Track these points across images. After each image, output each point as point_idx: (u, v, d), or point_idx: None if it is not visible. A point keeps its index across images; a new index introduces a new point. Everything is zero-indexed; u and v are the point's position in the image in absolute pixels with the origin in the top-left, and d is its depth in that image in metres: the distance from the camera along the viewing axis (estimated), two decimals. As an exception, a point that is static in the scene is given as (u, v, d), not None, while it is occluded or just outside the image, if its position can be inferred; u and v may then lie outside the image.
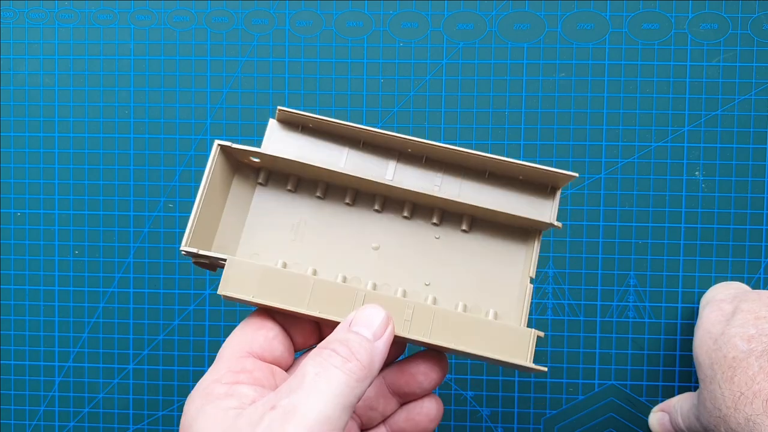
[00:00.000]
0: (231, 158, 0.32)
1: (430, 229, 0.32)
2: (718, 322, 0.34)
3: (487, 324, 0.30)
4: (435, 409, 0.31)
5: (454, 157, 0.31)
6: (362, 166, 0.31)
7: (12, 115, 0.45)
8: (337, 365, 0.24)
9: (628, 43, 0.42)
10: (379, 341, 0.26)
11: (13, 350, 0.45)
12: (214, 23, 0.44)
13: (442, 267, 0.32)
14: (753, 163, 0.42)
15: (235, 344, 0.28)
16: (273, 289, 0.29)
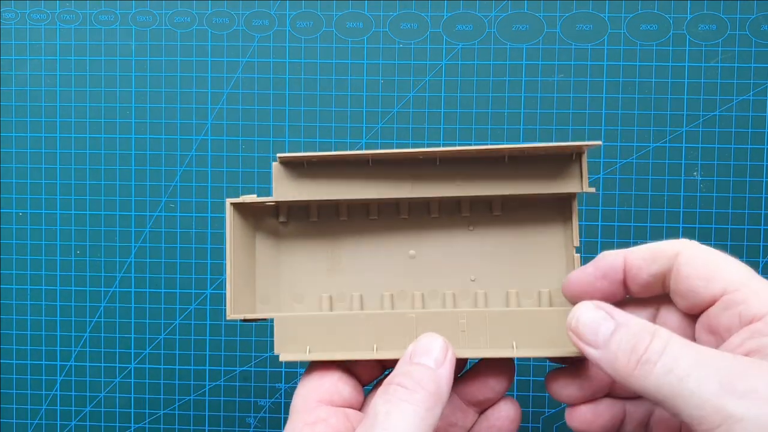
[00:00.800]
0: (246, 209, 0.31)
1: (462, 222, 0.32)
2: None
3: (543, 315, 0.29)
4: (513, 410, 0.30)
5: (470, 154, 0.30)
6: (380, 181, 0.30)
7: (14, 116, 0.45)
8: (405, 398, 0.24)
9: (627, 44, 0.42)
10: (442, 368, 0.26)
11: (15, 349, 0.45)
12: (214, 24, 0.44)
13: (482, 258, 0.31)
14: (751, 163, 0.42)
15: (303, 396, 0.28)
16: (327, 340, 0.29)
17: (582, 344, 0.25)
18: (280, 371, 0.44)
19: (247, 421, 0.44)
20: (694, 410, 0.21)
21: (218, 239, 0.44)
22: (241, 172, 0.44)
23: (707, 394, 0.21)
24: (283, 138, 0.44)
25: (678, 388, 0.22)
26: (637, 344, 0.23)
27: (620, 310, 0.25)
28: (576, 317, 0.25)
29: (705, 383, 0.21)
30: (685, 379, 0.22)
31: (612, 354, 0.23)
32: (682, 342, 0.23)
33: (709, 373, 0.21)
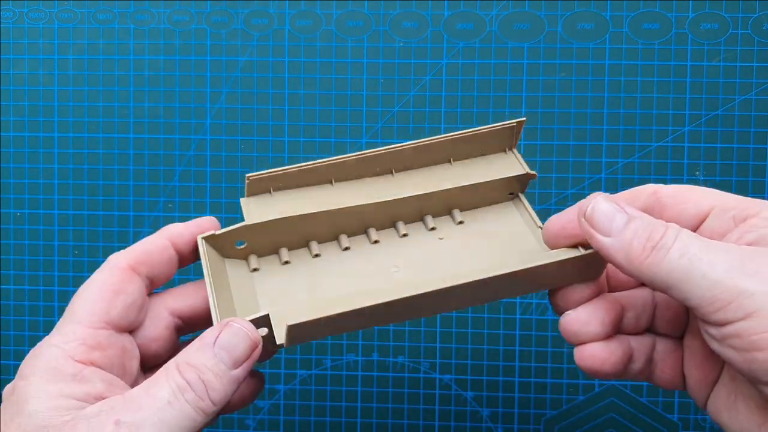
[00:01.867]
0: (219, 248, 0.31)
1: (431, 235, 0.32)
2: None
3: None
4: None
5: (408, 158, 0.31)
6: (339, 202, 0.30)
7: (11, 115, 0.45)
8: (190, 401, 0.24)
9: (629, 43, 0.42)
10: (238, 370, 0.25)
11: (12, 350, 0.45)
12: (213, 23, 0.44)
13: (460, 261, 0.31)
14: (753, 163, 0.42)
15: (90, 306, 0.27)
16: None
17: (594, 232, 0.25)
18: (279, 373, 0.44)
19: (246, 423, 0.44)
20: (707, 291, 0.22)
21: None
22: (239, 172, 0.44)
23: (719, 274, 0.22)
24: (283, 138, 0.43)
25: (690, 271, 0.23)
26: (653, 233, 0.24)
27: (631, 206, 0.26)
28: (592, 206, 0.25)
29: (716, 265, 0.22)
30: (696, 262, 0.22)
31: (626, 241, 0.24)
32: (692, 234, 0.24)
33: (719, 257, 0.23)
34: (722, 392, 0.27)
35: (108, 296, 0.27)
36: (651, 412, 0.42)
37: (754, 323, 0.21)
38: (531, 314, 0.43)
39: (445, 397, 0.43)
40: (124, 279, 0.28)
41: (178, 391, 0.24)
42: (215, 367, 0.25)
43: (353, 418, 0.43)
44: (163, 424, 0.23)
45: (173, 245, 0.29)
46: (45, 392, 0.24)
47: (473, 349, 0.43)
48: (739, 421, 0.26)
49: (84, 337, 0.26)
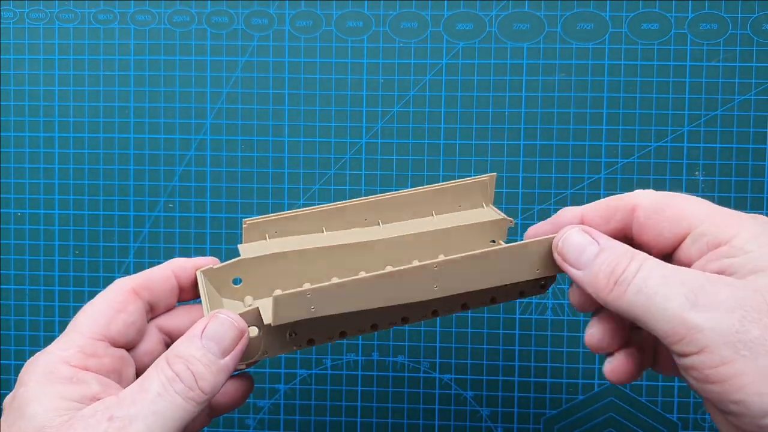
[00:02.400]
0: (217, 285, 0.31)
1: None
2: None
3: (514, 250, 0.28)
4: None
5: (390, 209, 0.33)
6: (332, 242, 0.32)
7: (12, 116, 0.45)
8: (179, 392, 0.24)
9: (628, 43, 0.42)
10: (227, 358, 0.26)
11: (13, 350, 0.45)
12: (214, 23, 0.44)
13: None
14: (752, 163, 0.42)
15: (90, 321, 0.27)
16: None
17: (566, 266, 0.26)
18: (279, 372, 0.44)
19: (246, 423, 0.44)
20: (663, 324, 0.23)
21: (217, 240, 0.44)
22: (240, 172, 0.44)
23: (673, 309, 0.22)
24: (283, 138, 0.43)
25: (647, 306, 0.23)
26: (617, 266, 0.24)
27: (605, 235, 0.26)
28: (563, 239, 0.26)
29: (671, 299, 0.23)
30: (653, 296, 0.23)
31: (593, 275, 0.25)
32: (655, 263, 0.24)
33: (675, 289, 0.23)
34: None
35: (110, 313, 0.28)
36: (650, 412, 0.42)
37: (706, 358, 0.22)
38: (530, 314, 0.43)
39: (445, 397, 0.43)
40: (127, 300, 0.28)
41: (167, 383, 0.24)
42: (203, 357, 0.25)
43: (353, 418, 0.43)
44: (156, 416, 0.24)
45: (176, 276, 0.30)
46: (43, 395, 0.24)
47: (473, 349, 0.43)
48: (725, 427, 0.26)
49: (82, 346, 0.26)
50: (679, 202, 0.26)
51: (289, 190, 0.43)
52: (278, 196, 0.43)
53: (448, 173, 0.43)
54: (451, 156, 0.43)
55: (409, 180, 0.43)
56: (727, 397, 0.22)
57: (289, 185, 0.43)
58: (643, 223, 0.26)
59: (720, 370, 0.22)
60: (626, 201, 0.27)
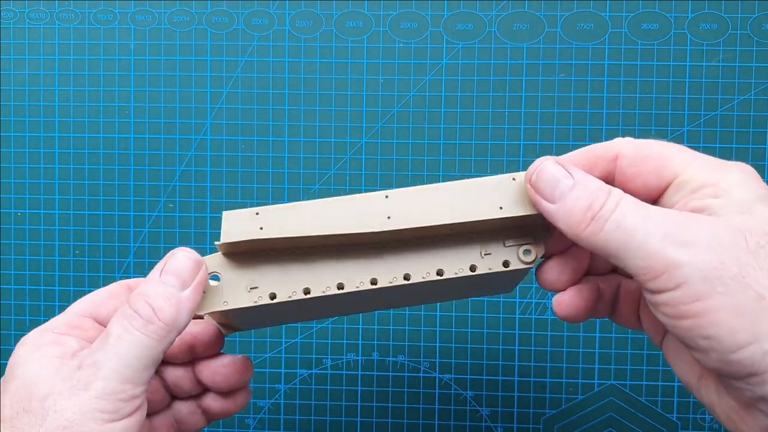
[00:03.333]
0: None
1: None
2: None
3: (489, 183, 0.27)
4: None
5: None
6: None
7: (12, 116, 0.45)
8: (138, 327, 0.25)
9: (628, 43, 0.42)
10: (187, 290, 0.26)
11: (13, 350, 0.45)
12: (214, 23, 0.44)
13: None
14: (752, 163, 0.42)
15: (84, 304, 0.29)
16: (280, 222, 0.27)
17: (539, 198, 0.25)
18: (279, 372, 0.44)
19: (246, 422, 0.44)
20: (640, 261, 0.23)
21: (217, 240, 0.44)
22: (240, 171, 0.44)
23: (652, 246, 0.22)
24: (283, 138, 0.43)
25: (625, 242, 0.23)
26: (594, 202, 0.24)
27: (580, 169, 0.25)
28: (536, 171, 0.26)
29: (650, 236, 0.23)
30: (632, 233, 0.23)
31: (567, 209, 0.24)
32: (633, 201, 0.24)
33: (655, 227, 0.23)
34: (672, 340, 0.27)
35: (101, 298, 0.29)
36: (650, 412, 0.42)
37: (682, 293, 0.22)
38: (530, 314, 0.43)
39: (445, 397, 0.43)
40: (121, 291, 0.30)
41: (126, 323, 0.25)
42: (162, 290, 0.26)
43: (353, 418, 0.43)
44: (119, 358, 0.24)
45: None
46: (30, 357, 0.26)
47: (473, 349, 0.43)
48: (682, 369, 0.27)
49: (67, 320, 0.28)
50: (662, 150, 0.26)
51: (289, 190, 0.43)
52: (278, 196, 0.43)
53: (448, 173, 0.43)
54: (451, 156, 0.43)
55: (409, 180, 0.43)
56: (698, 332, 0.22)
57: (289, 185, 0.44)
58: (626, 172, 0.26)
59: (695, 306, 0.22)
60: (608, 149, 0.26)
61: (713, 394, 0.25)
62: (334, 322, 0.44)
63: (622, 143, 0.26)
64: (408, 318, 0.43)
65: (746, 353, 0.21)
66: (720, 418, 0.25)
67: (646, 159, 0.25)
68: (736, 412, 0.24)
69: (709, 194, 0.24)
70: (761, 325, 0.21)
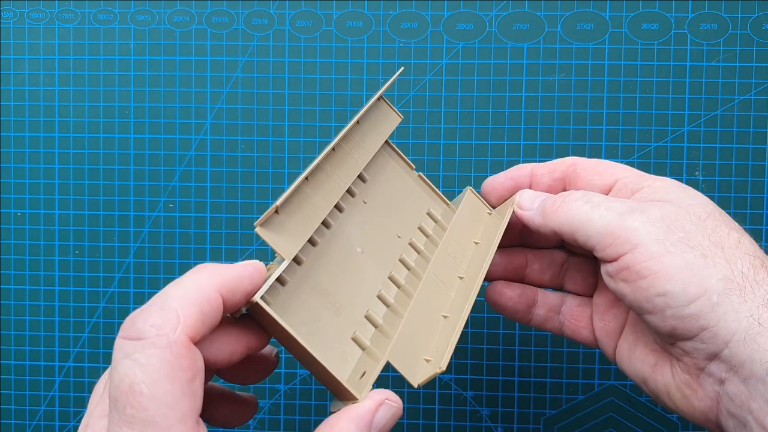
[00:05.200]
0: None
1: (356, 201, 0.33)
2: None
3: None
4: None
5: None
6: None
7: (12, 115, 0.45)
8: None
9: (628, 43, 0.42)
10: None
11: (13, 350, 0.45)
12: (214, 23, 0.44)
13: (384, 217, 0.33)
14: (753, 163, 0.42)
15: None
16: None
17: (520, 211, 0.31)
18: (280, 372, 0.44)
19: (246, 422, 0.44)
20: (603, 229, 0.27)
21: (217, 239, 0.44)
22: (240, 171, 0.44)
23: (613, 216, 0.27)
24: (283, 138, 0.43)
25: (590, 214, 0.27)
26: (558, 199, 0.29)
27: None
28: (520, 195, 0.32)
29: (612, 209, 0.27)
30: (596, 207, 0.27)
31: (540, 208, 0.30)
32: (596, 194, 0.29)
33: (614, 203, 0.27)
34: (625, 343, 0.31)
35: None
36: (650, 412, 0.42)
37: (638, 254, 0.26)
38: (531, 314, 0.43)
39: (445, 397, 0.43)
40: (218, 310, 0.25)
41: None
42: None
43: (353, 418, 0.43)
44: None
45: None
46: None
47: (473, 349, 0.43)
48: (637, 365, 0.29)
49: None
50: (607, 163, 0.31)
51: (289, 190, 0.43)
52: (278, 196, 0.43)
53: (448, 173, 0.43)
54: (451, 156, 0.43)
55: (409, 180, 0.43)
56: (654, 290, 0.25)
57: (289, 185, 0.43)
58: (579, 174, 0.31)
59: (650, 264, 0.25)
60: (567, 159, 0.32)
61: (668, 375, 0.28)
62: (334, 322, 0.43)
63: (578, 158, 0.32)
64: (408, 318, 0.43)
65: (698, 305, 0.24)
66: (675, 401, 0.28)
67: (595, 166, 0.31)
68: (689, 386, 0.27)
69: (648, 193, 0.28)
70: (708, 280, 0.25)
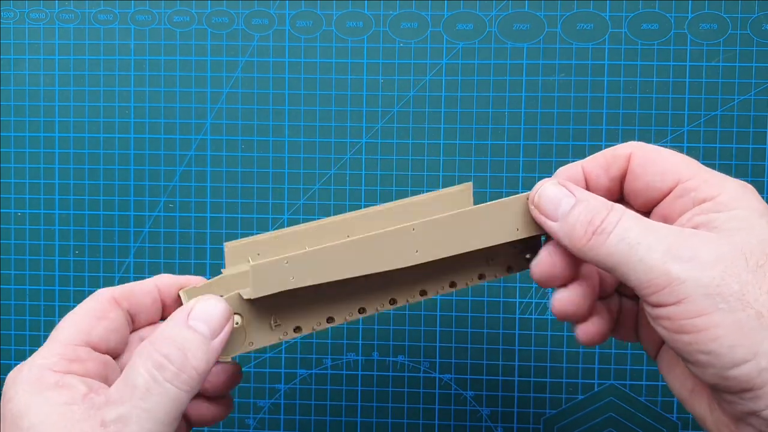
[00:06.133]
0: None
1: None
2: None
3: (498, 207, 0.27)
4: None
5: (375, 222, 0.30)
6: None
7: (12, 116, 0.45)
8: (170, 378, 0.23)
9: (628, 43, 0.42)
10: (216, 339, 0.25)
11: (13, 350, 0.45)
12: (214, 23, 0.44)
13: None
14: (752, 163, 0.42)
15: (71, 329, 0.26)
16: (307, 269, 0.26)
17: (542, 218, 0.26)
18: (280, 372, 0.44)
19: (246, 422, 0.44)
20: (643, 275, 0.23)
21: (217, 239, 0.44)
22: (240, 171, 0.44)
23: (654, 260, 0.23)
24: (283, 138, 0.43)
25: (628, 255, 0.23)
26: (595, 217, 0.25)
27: (581, 188, 0.26)
28: (539, 193, 0.27)
29: (653, 250, 0.23)
30: (635, 246, 0.23)
31: (570, 226, 0.25)
32: (635, 216, 0.25)
33: (657, 241, 0.23)
34: (666, 355, 0.28)
35: (91, 321, 0.27)
36: (650, 412, 0.42)
37: (683, 309, 0.22)
38: (530, 314, 0.43)
39: (445, 397, 0.43)
40: (107, 308, 0.27)
41: (155, 372, 0.23)
42: (194, 336, 0.24)
43: (353, 418, 0.43)
44: (148, 414, 0.23)
45: (159, 291, 0.29)
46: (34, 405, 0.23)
47: (473, 349, 0.43)
48: (675, 384, 0.27)
49: (62, 353, 0.25)
50: (669, 157, 0.27)
51: (289, 190, 0.44)
52: (278, 196, 0.43)
53: (448, 173, 0.43)
54: (451, 156, 0.43)
55: (409, 180, 0.43)
56: (698, 347, 0.22)
57: (289, 185, 0.44)
58: (636, 172, 0.27)
59: (696, 321, 0.22)
60: (623, 148, 0.27)
61: (705, 407, 0.26)
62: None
63: (635, 145, 0.27)
64: (408, 318, 0.43)
65: (744, 369, 0.22)
66: (711, 430, 0.25)
67: (654, 161, 0.26)
68: (727, 426, 0.24)
69: (710, 209, 0.24)
70: (760, 343, 0.22)
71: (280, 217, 0.44)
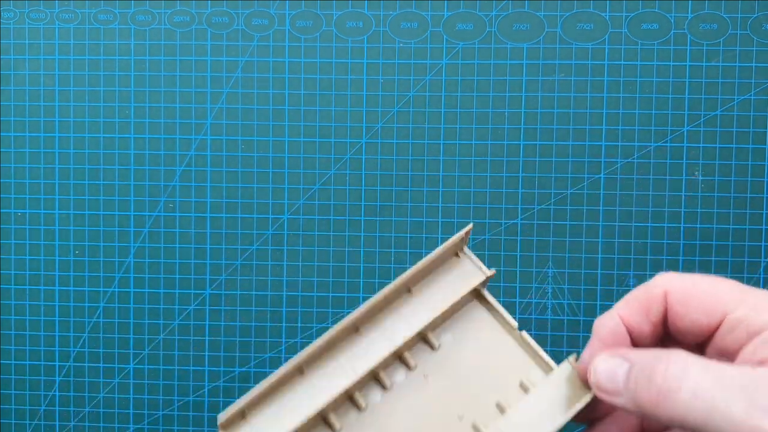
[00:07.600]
0: None
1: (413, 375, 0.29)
2: None
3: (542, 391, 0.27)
4: None
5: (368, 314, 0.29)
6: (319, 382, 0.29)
7: (12, 116, 0.45)
8: None
9: (628, 43, 0.42)
10: None
11: (13, 350, 0.45)
12: (214, 23, 0.44)
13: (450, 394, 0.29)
14: (752, 163, 0.42)
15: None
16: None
17: (606, 396, 0.25)
18: (280, 372, 0.44)
19: (246, 422, 0.44)
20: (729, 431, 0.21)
21: (217, 239, 0.44)
22: (240, 172, 0.44)
23: (739, 415, 0.21)
24: (283, 138, 0.43)
25: (707, 412, 0.21)
26: (653, 374, 0.23)
27: (635, 349, 0.25)
28: (594, 372, 0.25)
29: (733, 404, 0.21)
30: (711, 401, 0.21)
31: (632, 395, 0.23)
32: (700, 362, 0.22)
33: (735, 392, 0.21)
34: None
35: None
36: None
37: None
38: (531, 314, 0.43)
39: (445, 397, 0.43)
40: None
41: None
42: None
43: (353, 418, 0.43)
44: None
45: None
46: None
47: (473, 349, 0.43)
48: None
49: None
50: (708, 288, 0.25)
51: (289, 190, 0.44)
52: (278, 196, 0.43)
53: (448, 173, 0.43)
54: (451, 156, 0.43)
55: (409, 180, 0.43)
56: None
57: (289, 185, 0.44)
58: (678, 312, 0.25)
59: None
60: (656, 290, 0.26)
61: None
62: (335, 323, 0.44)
63: (666, 279, 0.26)
64: (408, 318, 0.43)
65: None
66: None
67: (693, 297, 0.25)
68: None
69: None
70: None
71: (280, 217, 0.44)
